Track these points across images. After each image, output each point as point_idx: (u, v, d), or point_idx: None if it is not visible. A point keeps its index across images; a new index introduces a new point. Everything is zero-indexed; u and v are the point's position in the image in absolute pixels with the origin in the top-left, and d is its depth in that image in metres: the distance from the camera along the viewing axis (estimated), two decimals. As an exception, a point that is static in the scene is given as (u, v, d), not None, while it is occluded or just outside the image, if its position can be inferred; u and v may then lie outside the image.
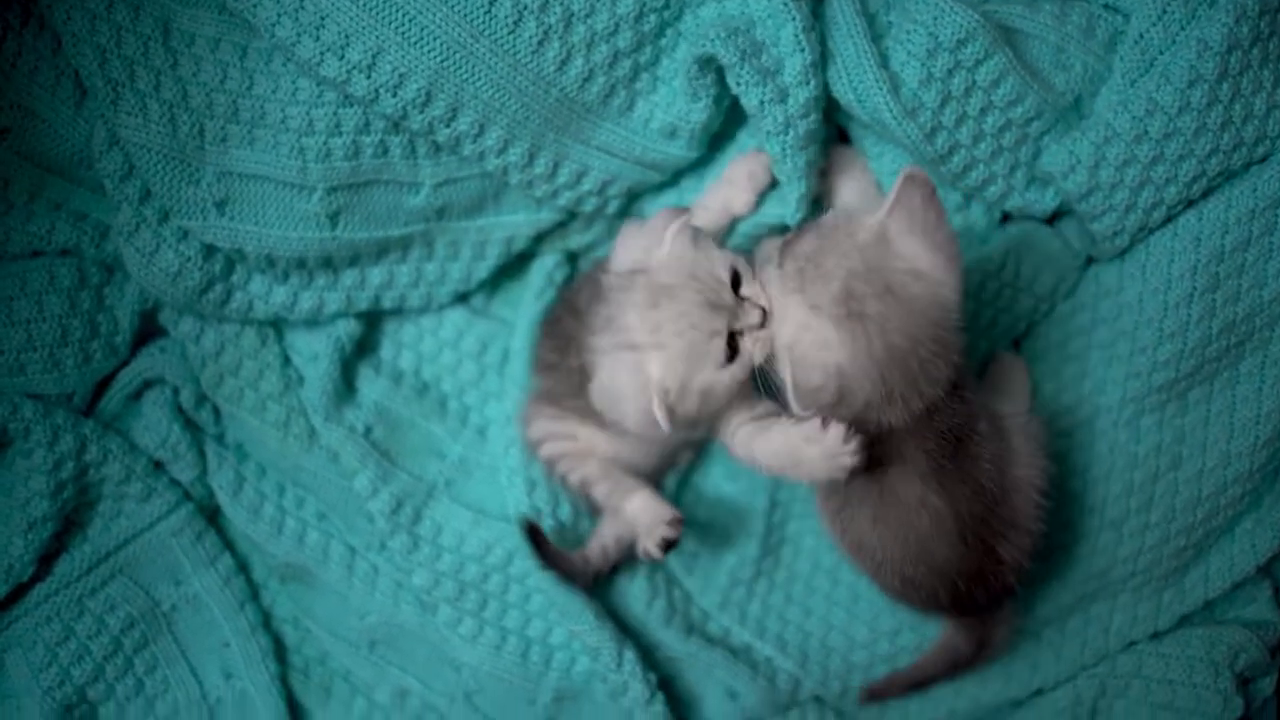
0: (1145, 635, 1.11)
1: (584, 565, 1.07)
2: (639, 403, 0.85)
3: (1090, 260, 1.08)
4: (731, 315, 0.87)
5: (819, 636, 1.15)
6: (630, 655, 1.07)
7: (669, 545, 0.95)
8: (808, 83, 0.95)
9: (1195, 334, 1.03)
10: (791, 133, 0.97)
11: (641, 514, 0.97)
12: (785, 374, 0.86)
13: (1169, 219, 1.03)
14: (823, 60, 0.97)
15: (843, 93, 0.99)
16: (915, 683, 1.10)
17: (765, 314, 0.88)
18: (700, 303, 0.85)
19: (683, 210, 0.94)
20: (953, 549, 0.94)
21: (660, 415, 0.84)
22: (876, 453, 0.90)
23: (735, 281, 0.88)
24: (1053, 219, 1.08)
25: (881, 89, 0.97)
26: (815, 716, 1.15)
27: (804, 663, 1.14)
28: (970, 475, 0.93)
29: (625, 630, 1.11)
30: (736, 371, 0.87)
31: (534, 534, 1.06)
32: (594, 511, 1.08)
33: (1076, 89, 1.02)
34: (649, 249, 0.89)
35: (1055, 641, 1.13)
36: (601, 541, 1.07)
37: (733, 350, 0.87)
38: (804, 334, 0.86)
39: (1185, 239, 1.03)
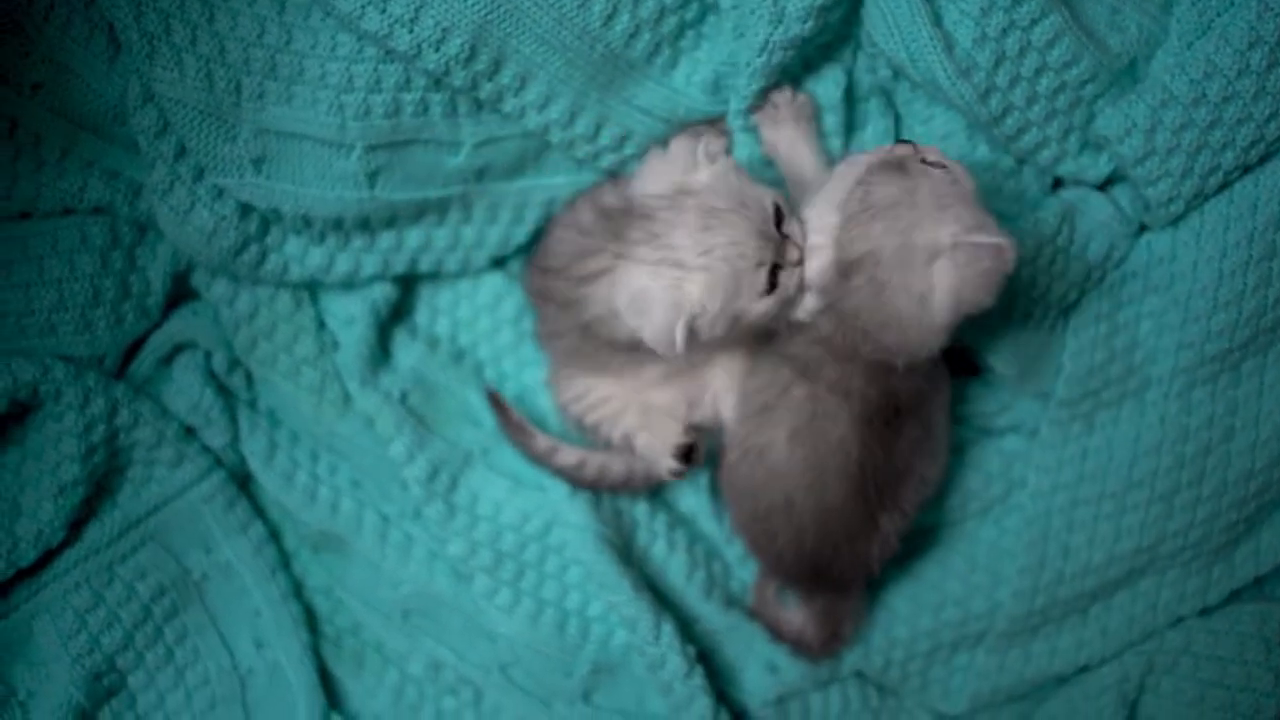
0: (1194, 611, 1.09)
1: (576, 467, 1.07)
2: (666, 318, 0.85)
3: (1143, 228, 1.06)
4: (777, 249, 0.87)
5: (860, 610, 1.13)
6: (668, 628, 1.05)
7: (686, 457, 0.99)
8: (805, 20, 0.92)
9: (1250, 303, 1.01)
10: (765, 57, 0.95)
11: (650, 446, 1.00)
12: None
13: (1225, 185, 1.01)
14: (846, 20, 0.97)
15: (895, 51, 0.97)
16: None
17: (802, 255, 0.89)
18: (752, 231, 0.86)
19: (704, 130, 0.95)
20: (848, 496, 0.95)
21: (680, 336, 0.85)
22: (833, 374, 0.92)
23: (779, 217, 0.88)
24: (1104, 185, 1.06)
25: (935, 48, 0.95)
26: (856, 692, 1.13)
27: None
28: (889, 445, 0.95)
29: (664, 603, 1.09)
30: (771, 304, 0.88)
31: (496, 403, 1.09)
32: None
33: (1132, 51, 1.00)
34: (686, 170, 0.90)
35: (1102, 618, 1.11)
36: (603, 460, 1.07)
37: (772, 283, 0.87)
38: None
39: (1241, 205, 1.01)
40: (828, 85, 1.01)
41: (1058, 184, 1.06)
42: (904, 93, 1.03)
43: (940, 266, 0.83)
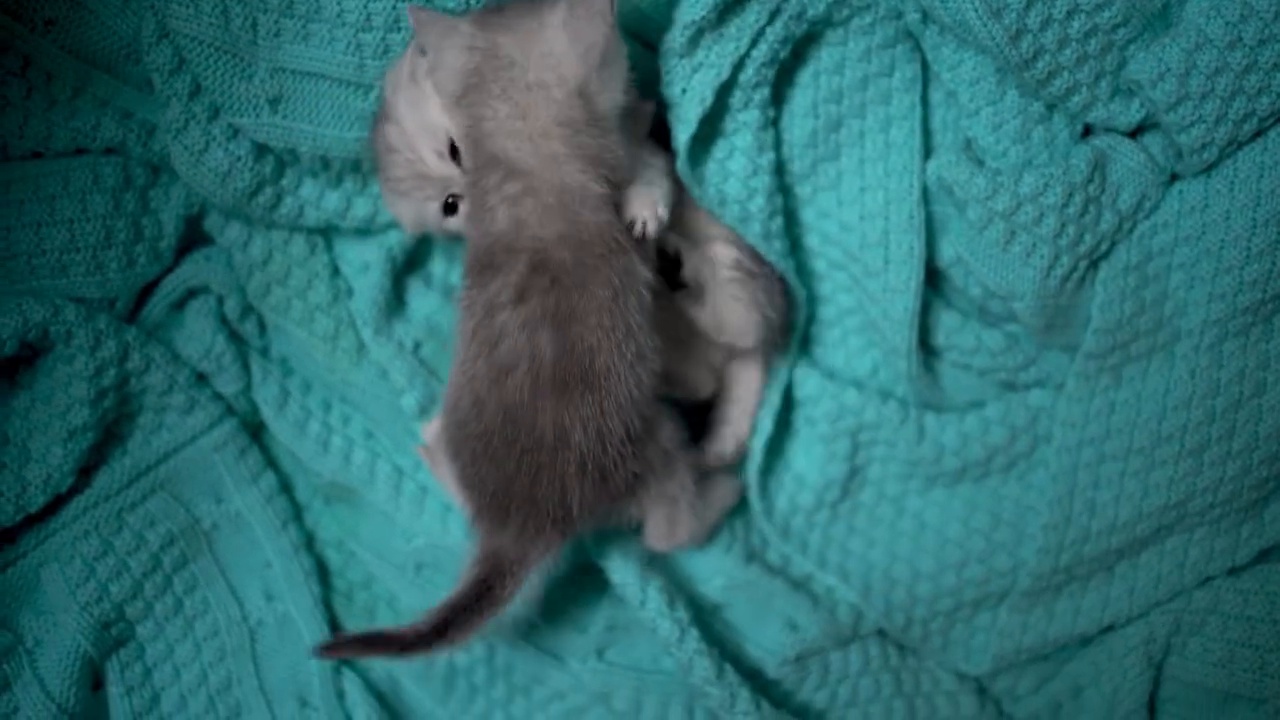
0: (1222, 570, 1.07)
1: None
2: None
3: (1174, 176, 1.04)
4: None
5: (882, 568, 1.11)
6: (654, 594, 1.03)
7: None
8: None
9: (1284, 253, 0.99)
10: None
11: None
12: None
13: (1259, 132, 0.99)
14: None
15: (925, -9, 0.95)
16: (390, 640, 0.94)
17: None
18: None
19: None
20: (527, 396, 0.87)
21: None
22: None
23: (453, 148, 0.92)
24: (1135, 133, 1.04)
25: (966, -12, 0.93)
26: (878, 650, 1.11)
27: (867, 594, 1.10)
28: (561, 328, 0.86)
29: (680, 559, 1.07)
30: (457, 222, 0.96)
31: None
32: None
33: (1166, -6, 0.98)
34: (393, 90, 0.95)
35: (1128, 576, 1.09)
36: None
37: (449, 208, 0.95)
38: None
39: (1276, 152, 0.98)
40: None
41: (1087, 131, 1.04)
42: (932, 37, 1.01)
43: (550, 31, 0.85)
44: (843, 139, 1.05)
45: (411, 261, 1.10)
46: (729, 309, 1.03)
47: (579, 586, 1.08)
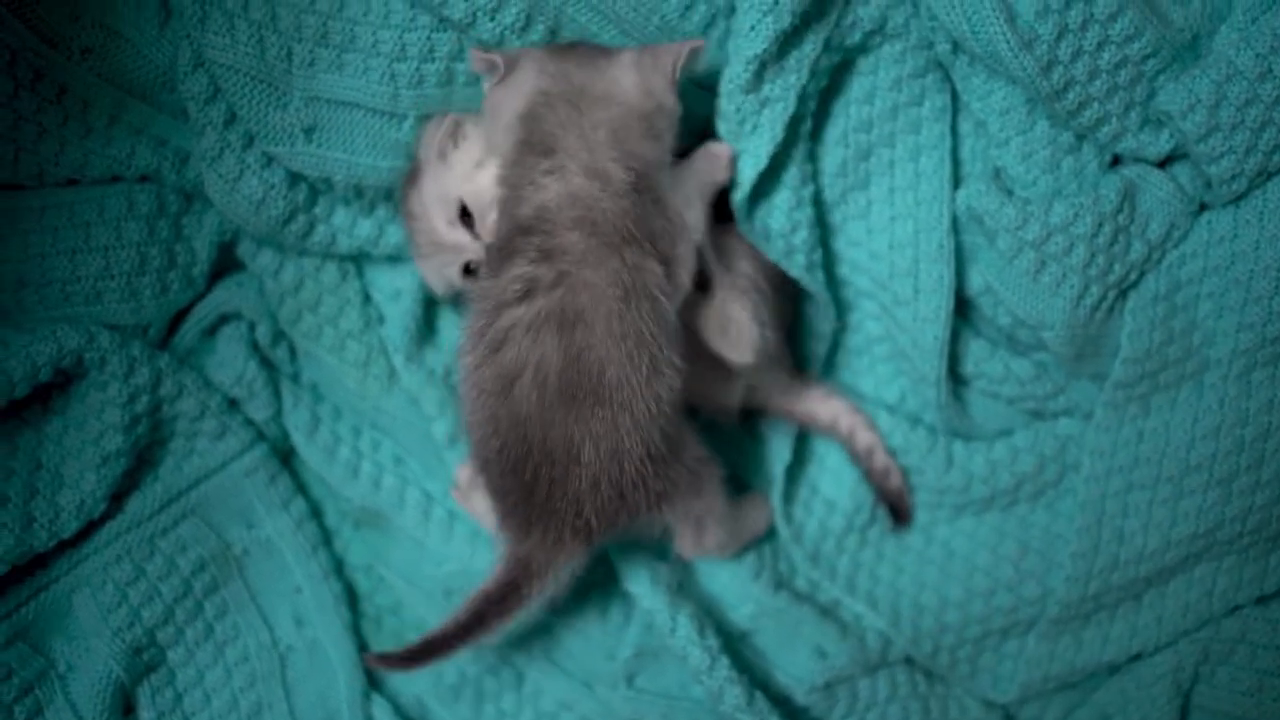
0: (1251, 599, 1.07)
1: None
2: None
3: (1203, 206, 1.04)
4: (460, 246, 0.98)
5: (911, 595, 1.11)
6: (685, 621, 1.03)
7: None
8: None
9: (1313, 284, 1.00)
10: (772, 19, 0.91)
11: None
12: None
13: (1289, 162, 0.99)
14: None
15: (956, 23, 0.95)
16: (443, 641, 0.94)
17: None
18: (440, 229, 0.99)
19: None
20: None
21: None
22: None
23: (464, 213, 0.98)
24: (1164, 163, 1.04)
25: (998, 19, 0.93)
26: (905, 678, 1.11)
27: (895, 621, 1.11)
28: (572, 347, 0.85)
29: (706, 587, 1.07)
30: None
31: None
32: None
33: (1195, 26, 0.98)
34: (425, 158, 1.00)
35: (1156, 604, 1.09)
36: None
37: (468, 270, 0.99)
38: None
39: (1306, 183, 0.99)
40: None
41: (1116, 161, 1.04)
42: (962, 67, 1.02)
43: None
44: (872, 168, 1.05)
45: (442, 289, 1.10)
46: (731, 312, 1.01)
47: (608, 613, 1.09)
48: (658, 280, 0.88)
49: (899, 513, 1.12)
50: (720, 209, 1.00)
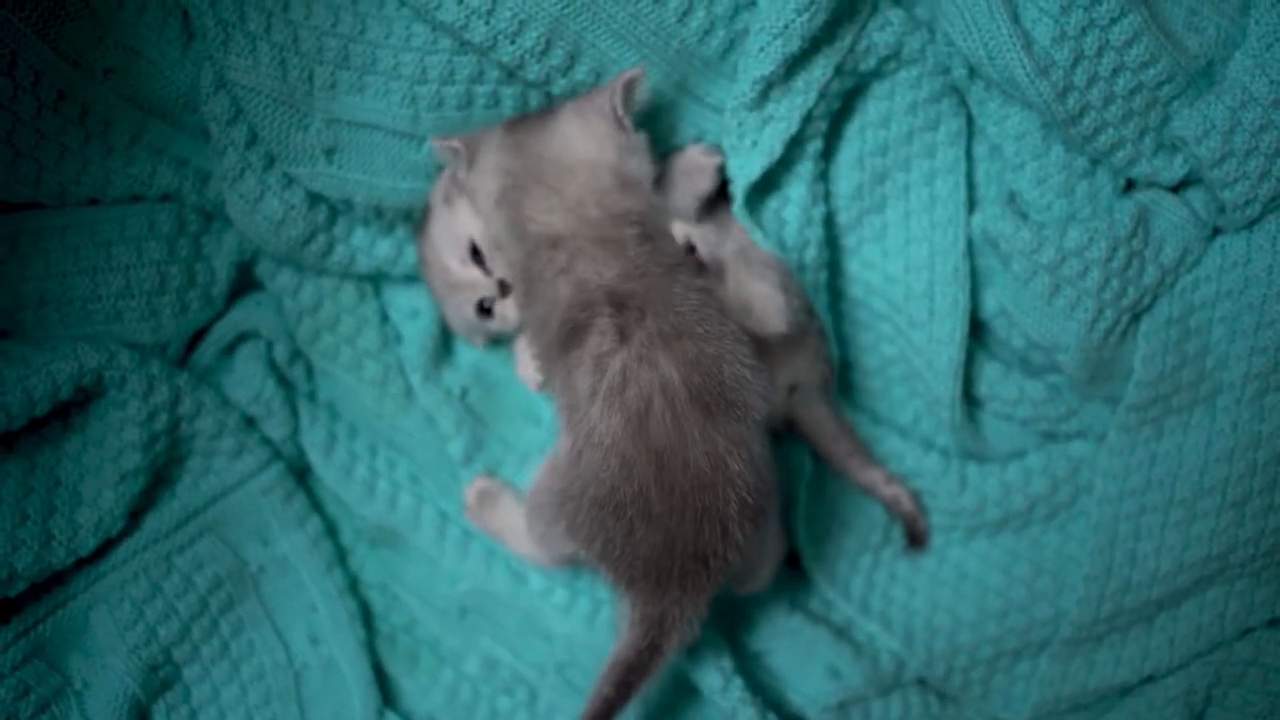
0: (1263, 622, 1.07)
1: None
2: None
3: (1216, 231, 1.05)
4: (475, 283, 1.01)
5: (924, 616, 1.12)
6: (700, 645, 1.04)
7: None
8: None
9: (1326, 308, 1.00)
10: (781, 42, 0.93)
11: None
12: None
13: (1303, 188, 1.00)
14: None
15: (972, 49, 0.96)
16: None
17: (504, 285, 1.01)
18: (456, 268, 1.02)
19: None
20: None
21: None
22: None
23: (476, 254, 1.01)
24: (1178, 188, 1.05)
25: (1013, 45, 0.94)
26: (918, 698, 1.12)
27: (909, 642, 1.11)
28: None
29: (725, 604, 1.07)
30: (497, 324, 1.04)
31: None
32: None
33: (1209, 53, 0.99)
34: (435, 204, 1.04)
35: (1169, 627, 1.09)
36: None
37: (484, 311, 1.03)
38: None
39: (1320, 209, 1.00)
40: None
41: (1130, 186, 1.05)
42: (978, 92, 1.03)
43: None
44: (888, 191, 1.06)
45: (458, 307, 1.11)
46: (750, 288, 1.01)
47: (619, 630, 1.09)
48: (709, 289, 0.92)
49: (915, 536, 1.12)
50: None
